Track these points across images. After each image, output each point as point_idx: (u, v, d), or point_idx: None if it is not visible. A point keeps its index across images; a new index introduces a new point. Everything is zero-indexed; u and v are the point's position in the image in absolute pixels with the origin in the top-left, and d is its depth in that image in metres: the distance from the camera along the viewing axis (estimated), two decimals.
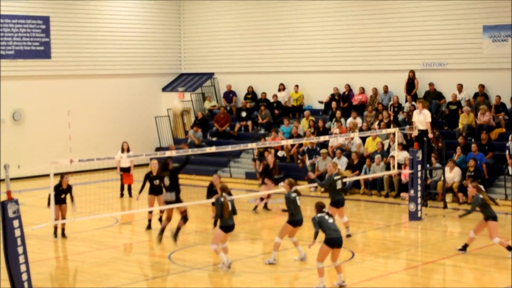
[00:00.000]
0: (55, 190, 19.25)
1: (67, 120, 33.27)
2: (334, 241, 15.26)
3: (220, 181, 19.61)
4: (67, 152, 31.93)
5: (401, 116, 29.04)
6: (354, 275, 16.92)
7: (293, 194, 17.55)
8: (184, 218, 18.77)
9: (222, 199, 16.70)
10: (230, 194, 17.11)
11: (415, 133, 24.03)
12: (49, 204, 18.57)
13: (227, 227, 16.76)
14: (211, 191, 20.56)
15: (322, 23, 32.95)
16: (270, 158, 24.61)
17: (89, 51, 34.55)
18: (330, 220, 15.42)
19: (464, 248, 18.37)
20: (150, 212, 21.20)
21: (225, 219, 16.66)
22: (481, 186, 19.24)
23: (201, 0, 36.89)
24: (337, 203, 19.58)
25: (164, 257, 18.37)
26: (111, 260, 18.24)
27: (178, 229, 18.66)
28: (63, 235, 20.21)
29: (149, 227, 21.24)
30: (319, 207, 15.75)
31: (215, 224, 18.65)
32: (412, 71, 29.95)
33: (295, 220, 17.57)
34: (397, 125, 27.69)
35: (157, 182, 20.74)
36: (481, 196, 18.13)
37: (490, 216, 18.06)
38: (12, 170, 14.08)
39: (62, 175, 19.94)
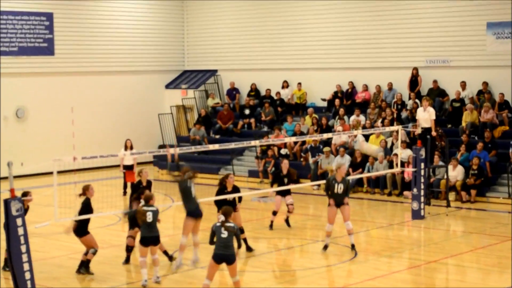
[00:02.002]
0: (135, 188, 19.07)
1: (71, 117, 33.24)
2: (218, 257, 13.90)
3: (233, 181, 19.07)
4: (71, 150, 31.87)
5: (404, 114, 29.01)
6: (357, 274, 16.91)
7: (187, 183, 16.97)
8: None
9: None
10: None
11: (418, 131, 23.99)
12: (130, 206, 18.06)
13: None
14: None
15: (325, 20, 32.91)
16: (285, 164, 21.38)
17: (92, 48, 34.55)
18: (223, 234, 13.82)
19: None
20: None
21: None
22: None
23: None
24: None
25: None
26: (114, 259, 18.21)
27: None
28: None
29: None
30: (223, 213, 14.24)
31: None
32: (416, 68, 29.92)
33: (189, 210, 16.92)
34: (401, 122, 27.67)
35: None
36: None
37: None
38: (15, 167, 14.05)
39: (139, 172, 19.61)
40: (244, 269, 17.28)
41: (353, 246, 18.45)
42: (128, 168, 27.27)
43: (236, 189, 18.57)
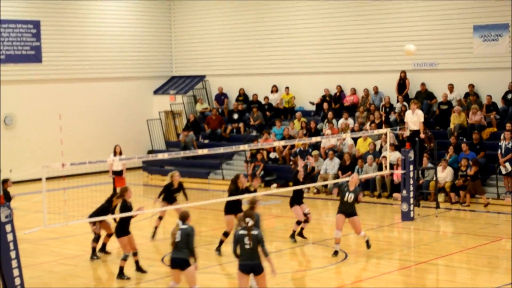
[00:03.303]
0: (166, 190, 19.96)
1: (59, 124, 33.03)
2: (244, 267, 13.21)
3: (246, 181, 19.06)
4: (59, 156, 31.70)
5: (392, 117, 29.08)
6: (347, 276, 16.96)
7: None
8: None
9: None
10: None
11: (407, 133, 24.03)
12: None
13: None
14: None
15: (312, 25, 32.96)
16: (301, 173, 20.24)
17: (80, 55, 34.52)
18: (246, 246, 13.06)
19: None
20: (160, 219, 20.85)
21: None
22: None
23: (191, 1, 36.88)
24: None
25: (157, 260, 18.35)
26: (104, 264, 18.21)
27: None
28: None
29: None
30: (243, 217, 13.32)
31: None
32: (404, 72, 29.98)
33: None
34: (389, 125, 27.71)
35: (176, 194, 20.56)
36: None
37: None
38: (4, 174, 14.05)
39: (171, 175, 19.91)
40: (233, 271, 17.25)
41: (368, 243, 18.77)
42: (118, 174, 27.20)
43: (247, 191, 18.80)
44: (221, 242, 18.76)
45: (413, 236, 21.13)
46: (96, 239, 18.61)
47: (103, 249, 19.03)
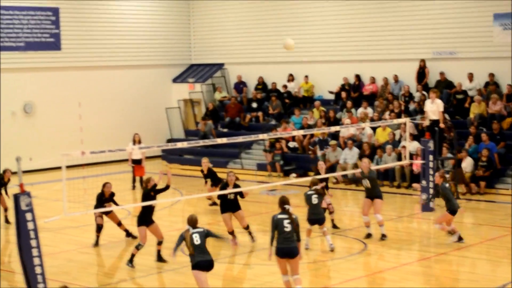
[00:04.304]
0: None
1: (78, 112, 33.31)
2: (282, 251, 13.57)
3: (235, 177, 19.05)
4: (79, 144, 31.95)
5: (412, 106, 28.96)
6: (367, 266, 16.94)
7: (310, 192, 17.66)
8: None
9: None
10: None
11: (426, 123, 23.93)
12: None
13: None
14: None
15: (331, 13, 32.86)
16: (321, 166, 20.17)
17: (99, 42, 34.56)
18: (287, 228, 13.55)
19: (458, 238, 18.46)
20: None
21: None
22: (447, 176, 19.23)
23: None
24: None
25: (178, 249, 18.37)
26: (124, 253, 18.26)
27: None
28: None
29: None
30: (280, 203, 13.86)
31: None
32: (423, 60, 29.85)
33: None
34: (408, 115, 27.62)
35: None
36: (447, 185, 18.36)
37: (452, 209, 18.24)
38: (24, 162, 14.06)
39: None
40: (253, 261, 17.29)
41: (383, 236, 18.95)
42: (137, 163, 27.28)
43: (236, 187, 18.57)
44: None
45: (433, 227, 21.01)
46: (99, 229, 18.84)
47: (129, 234, 19.30)
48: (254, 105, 34.05)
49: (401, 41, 30.90)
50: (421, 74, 29.86)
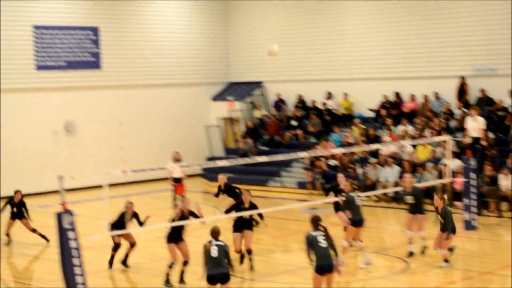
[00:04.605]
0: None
1: (119, 131, 33.53)
2: (322, 268, 13.64)
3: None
4: (119, 162, 32.16)
5: (453, 123, 28.75)
6: (409, 285, 16.78)
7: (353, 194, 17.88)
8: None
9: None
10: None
11: (468, 140, 23.73)
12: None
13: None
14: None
15: (370, 30, 32.82)
16: (340, 178, 20.04)
17: (138, 61, 34.84)
18: (322, 244, 13.63)
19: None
20: None
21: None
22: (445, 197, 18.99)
23: (247, 7, 36.97)
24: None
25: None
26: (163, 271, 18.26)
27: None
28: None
29: None
30: (313, 222, 13.96)
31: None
32: (463, 77, 29.64)
33: (355, 219, 17.81)
34: (449, 132, 27.42)
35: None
36: (448, 208, 18.09)
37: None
38: (66, 181, 14.15)
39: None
40: (295, 281, 17.20)
41: (424, 248, 19.03)
42: (177, 181, 27.34)
43: (253, 206, 18.08)
44: (242, 256, 18.41)
45: (477, 246, 20.84)
46: (115, 248, 18.55)
47: (124, 262, 18.90)
48: (294, 123, 34.04)
49: (441, 58, 30.74)
50: (462, 91, 29.66)
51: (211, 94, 37.54)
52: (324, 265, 13.60)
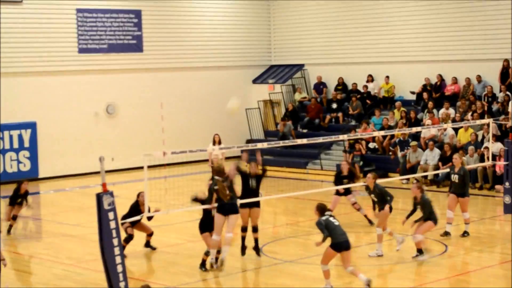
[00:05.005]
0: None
1: (160, 113, 33.63)
2: (341, 245, 14.48)
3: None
4: (160, 144, 32.24)
5: (495, 106, 28.47)
6: (447, 269, 16.70)
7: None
8: None
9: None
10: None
11: (510, 123, 23.50)
12: None
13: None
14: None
15: (412, 13, 32.57)
16: (344, 165, 21.41)
17: (180, 44, 34.93)
18: (336, 223, 14.60)
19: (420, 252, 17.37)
20: None
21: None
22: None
23: None
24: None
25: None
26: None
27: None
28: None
29: None
30: (321, 209, 14.78)
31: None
32: (507, 60, 29.32)
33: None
34: (491, 115, 27.16)
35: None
36: (426, 197, 17.74)
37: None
38: (106, 162, 14.25)
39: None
40: (332, 262, 17.18)
41: (464, 233, 19.17)
42: None
43: (259, 177, 18.33)
44: (244, 248, 18.04)
45: None
46: (127, 239, 18.03)
47: (148, 245, 18.83)
48: (334, 105, 33.95)
49: (484, 40, 30.42)
50: (505, 74, 29.35)
51: (252, 76, 37.54)
52: (343, 241, 14.41)
